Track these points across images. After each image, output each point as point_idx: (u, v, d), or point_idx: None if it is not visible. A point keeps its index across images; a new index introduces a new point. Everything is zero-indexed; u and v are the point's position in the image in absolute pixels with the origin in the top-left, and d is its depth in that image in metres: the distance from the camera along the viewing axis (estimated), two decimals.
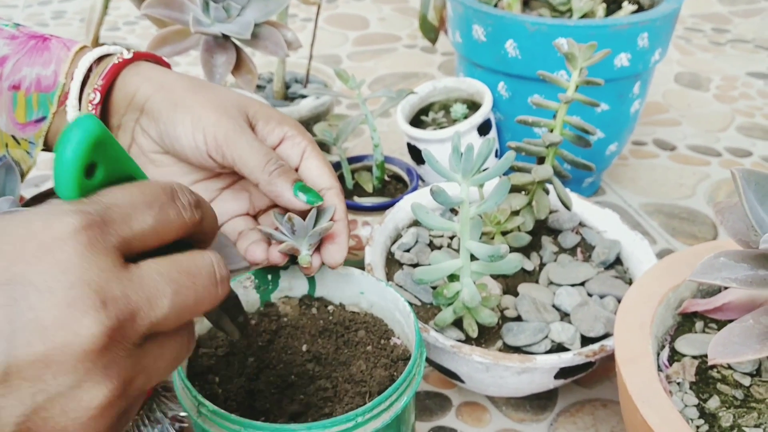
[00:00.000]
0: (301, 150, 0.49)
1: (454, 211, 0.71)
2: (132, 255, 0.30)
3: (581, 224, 0.70)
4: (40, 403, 0.26)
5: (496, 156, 0.88)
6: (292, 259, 0.48)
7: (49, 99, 0.51)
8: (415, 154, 0.85)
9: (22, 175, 0.55)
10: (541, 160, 0.64)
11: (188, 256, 0.31)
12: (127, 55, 0.50)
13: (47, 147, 0.54)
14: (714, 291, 0.54)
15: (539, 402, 0.64)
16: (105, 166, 0.30)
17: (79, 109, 0.50)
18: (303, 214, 0.46)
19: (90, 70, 0.50)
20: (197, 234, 0.34)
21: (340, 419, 0.39)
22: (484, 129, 0.83)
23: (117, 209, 0.29)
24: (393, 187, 0.82)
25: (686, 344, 0.49)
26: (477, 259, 0.53)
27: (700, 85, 1.27)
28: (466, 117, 0.85)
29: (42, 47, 0.51)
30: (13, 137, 0.53)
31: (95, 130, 0.29)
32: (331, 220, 0.47)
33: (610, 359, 0.55)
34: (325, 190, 0.48)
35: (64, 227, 0.27)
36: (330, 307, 0.53)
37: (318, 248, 0.48)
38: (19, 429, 0.26)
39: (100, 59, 0.51)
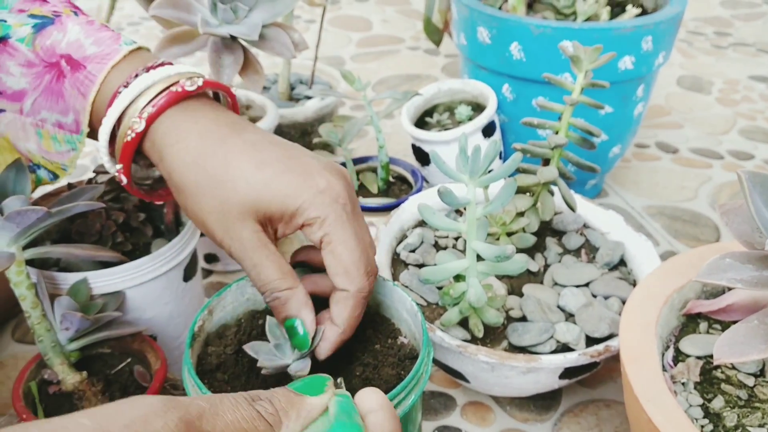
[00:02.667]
0: (317, 240, 0.44)
1: (458, 212, 0.71)
2: None
3: (585, 226, 0.70)
4: None
5: (500, 158, 0.88)
6: None
7: (77, 139, 0.51)
8: (420, 155, 0.86)
9: (57, 178, 0.55)
10: (546, 162, 0.64)
11: None
12: (138, 128, 0.47)
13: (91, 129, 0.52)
14: (718, 292, 0.54)
15: (543, 402, 0.64)
16: None
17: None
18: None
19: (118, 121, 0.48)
20: None
21: None
22: (488, 131, 0.84)
23: None
24: (398, 188, 0.82)
25: (691, 345, 0.50)
26: (483, 259, 0.54)
27: (702, 88, 1.28)
28: (470, 119, 0.85)
29: (57, 91, 0.50)
30: (43, 158, 0.53)
31: None
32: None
33: (614, 360, 0.56)
34: (339, 290, 0.44)
35: None
36: None
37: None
38: None
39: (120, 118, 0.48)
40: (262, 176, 0.44)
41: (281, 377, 0.46)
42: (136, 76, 0.48)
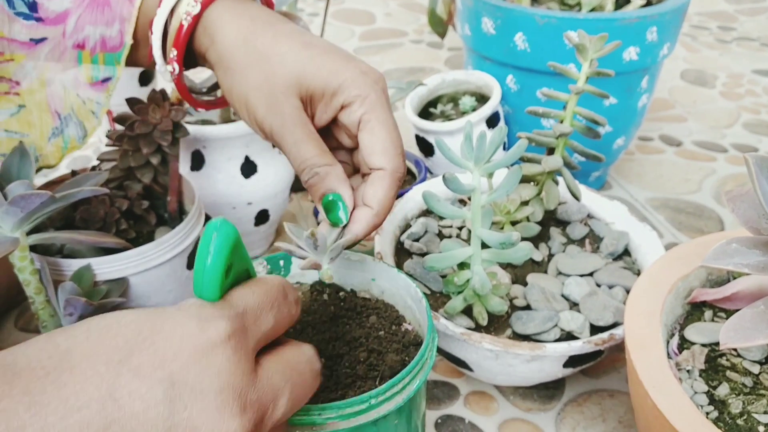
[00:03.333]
0: (356, 120, 0.45)
1: (462, 203, 0.71)
2: (258, 350, 0.32)
3: (589, 216, 0.70)
4: None
5: (504, 149, 0.88)
6: None
7: (116, 59, 0.52)
8: (424, 146, 0.85)
9: (85, 137, 0.55)
10: (550, 151, 0.64)
11: (292, 351, 0.34)
12: (194, 11, 0.48)
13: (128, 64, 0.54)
14: (723, 281, 0.54)
15: (547, 392, 0.64)
16: (236, 266, 0.32)
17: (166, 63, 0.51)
18: None
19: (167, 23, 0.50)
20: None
21: (354, 401, 0.39)
22: (492, 122, 0.83)
23: (250, 312, 0.31)
24: None
25: (696, 332, 0.50)
26: (487, 247, 0.53)
27: (706, 82, 1.28)
28: (474, 109, 0.85)
29: (103, 2, 0.50)
30: (78, 95, 0.54)
31: (233, 236, 0.31)
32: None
33: (618, 349, 0.55)
34: (375, 170, 0.44)
35: (217, 333, 0.29)
36: (341, 293, 0.53)
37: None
38: None
39: (172, 10, 0.49)
40: (309, 53, 0.45)
41: None
42: None
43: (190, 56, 0.51)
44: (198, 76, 0.60)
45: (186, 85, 0.53)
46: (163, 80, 0.55)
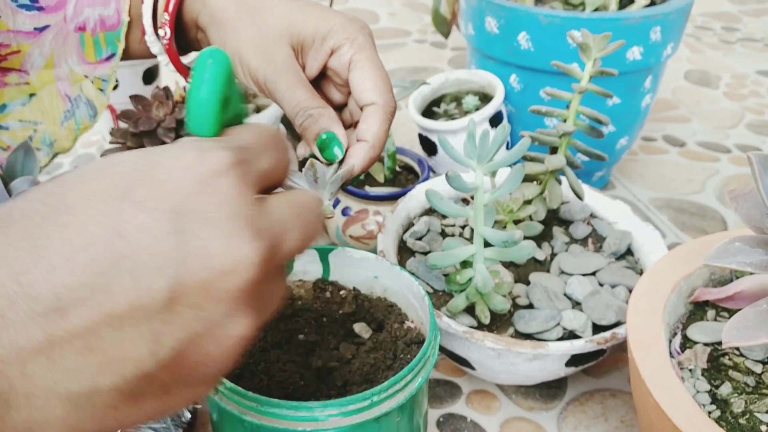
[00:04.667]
0: (346, 62, 0.47)
1: (465, 201, 0.71)
2: (261, 187, 0.31)
3: (592, 215, 0.70)
4: (198, 331, 0.26)
5: (507, 149, 0.88)
6: None
7: (115, 36, 0.53)
8: (427, 145, 0.85)
9: (95, 115, 0.56)
10: (553, 150, 0.64)
11: (299, 192, 0.32)
12: None
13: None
14: (726, 280, 0.54)
15: (549, 391, 0.64)
16: (231, 103, 0.30)
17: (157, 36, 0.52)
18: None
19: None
20: None
21: (356, 398, 0.39)
22: (495, 121, 0.83)
23: (251, 149, 0.30)
24: (404, 177, 0.82)
25: (698, 332, 0.50)
26: (490, 246, 0.53)
27: (710, 82, 1.28)
28: (477, 109, 0.85)
29: None
30: (86, 76, 0.55)
31: (229, 63, 0.29)
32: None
33: (620, 349, 0.55)
34: (366, 106, 0.46)
35: (220, 161, 0.27)
36: (343, 292, 0.53)
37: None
38: (174, 353, 0.26)
39: None
40: (297, 4, 0.48)
41: None
42: None
43: (181, 34, 0.53)
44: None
45: (177, 52, 0.54)
46: (165, 69, 0.56)
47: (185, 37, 0.53)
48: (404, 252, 0.65)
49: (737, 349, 0.49)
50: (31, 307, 0.23)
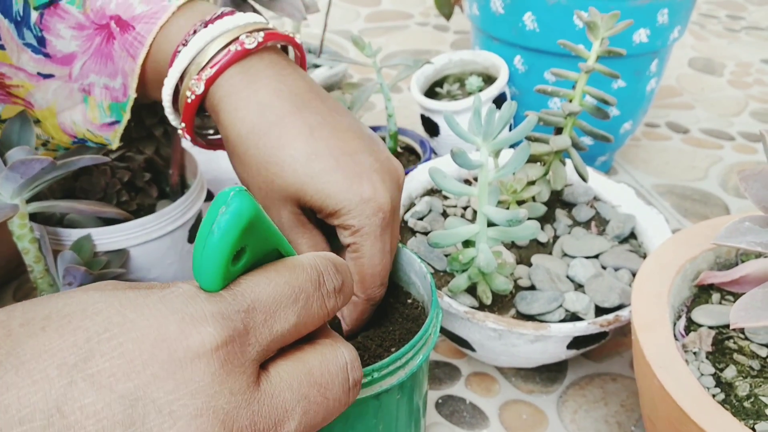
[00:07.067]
0: (346, 244, 0.44)
1: (467, 183, 0.70)
2: (266, 358, 0.26)
3: (596, 198, 0.69)
4: None
5: (510, 131, 0.87)
6: None
7: (121, 108, 0.50)
8: (429, 126, 0.84)
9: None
10: (558, 131, 0.63)
11: (322, 356, 0.27)
12: (197, 90, 0.45)
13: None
14: (731, 264, 0.54)
15: (549, 374, 0.64)
16: (252, 248, 0.26)
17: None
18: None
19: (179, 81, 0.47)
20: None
21: None
22: (499, 102, 0.83)
23: (260, 309, 0.26)
24: (405, 158, 0.81)
25: (703, 315, 0.49)
26: (493, 226, 0.53)
27: (714, 70, 1.26)
28: (481, 90, 0.84)
29: (106, 53, 0.48)
30: (89, 131, 0.53)
31: (249, 212, 0.25)
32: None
33: (621, 334, 0.55)
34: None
35: (201, 341, 0.23)
36: None
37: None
38: None
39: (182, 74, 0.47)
40: (310, 170, 0.42)
41: None
42: (195, 32, 0.46)
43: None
44: None
45: (201, 142, 0.52)
46: None
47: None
48: (405, 232, 0.64)
49: (742, 332, 0.48)
50: None
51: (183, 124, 0.48)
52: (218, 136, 0.54)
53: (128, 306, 0.24)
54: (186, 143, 0.65)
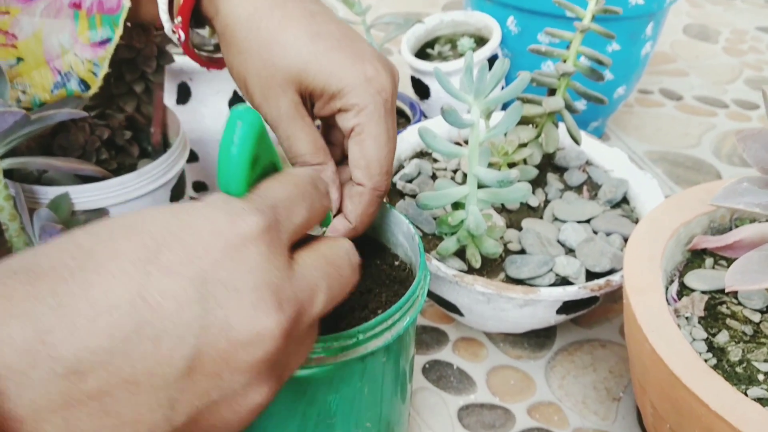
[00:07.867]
0: (348, 128, 0.43)
1: (458, 145, 0.69)
2: (292, 245, 0.30)
3: (588, 163, 0.68)
4: (215, 399, 0.26)
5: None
6: None
7: (113, 21, 0.48)
8: (419, 88, 0.83)
9: (89, 89, 0.52)
10: (551, 92, 0.62)
11: (329, 245, 0.32)
12: None
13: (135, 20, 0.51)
14: (725, 229, 0.53)
15: (537, 340, 0.63)
16: (262, 158, 0.30)
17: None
18: None
19: None
20: None
21: (342, 335, 0.38)
22: (491, 65, 0.81)
23: (282, 205, 0.29)
24: None
25: (696, 279, 0.48)
26: (484, 187, 0.51)
27: (709, 37, 1.25)
28: (473, 51, 0.82)
29: None
30: (76, 56, 0.50)
31: (259, 124, 0.29)
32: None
33: (610, 299, 0.54)
34: (356, 184, 0.44)
35: (249, 228, 0.27)
36: None
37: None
38: (189, 419, 0.26)
39: None
40: (314, 48, 0.42)
41: None
42: None
43: (201, 17, 0.48)
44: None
45: (194, 50, 0.50)
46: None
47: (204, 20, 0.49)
48: (394, 194, 0.63)
49: (735, 297, 0.47)
50: (52, 367, 0.23)
51: (179, 19, 0.46)
52: (218, 55, 0.53)
53: (179, 212, 0.27)
54: (168, 100, 0.63)
